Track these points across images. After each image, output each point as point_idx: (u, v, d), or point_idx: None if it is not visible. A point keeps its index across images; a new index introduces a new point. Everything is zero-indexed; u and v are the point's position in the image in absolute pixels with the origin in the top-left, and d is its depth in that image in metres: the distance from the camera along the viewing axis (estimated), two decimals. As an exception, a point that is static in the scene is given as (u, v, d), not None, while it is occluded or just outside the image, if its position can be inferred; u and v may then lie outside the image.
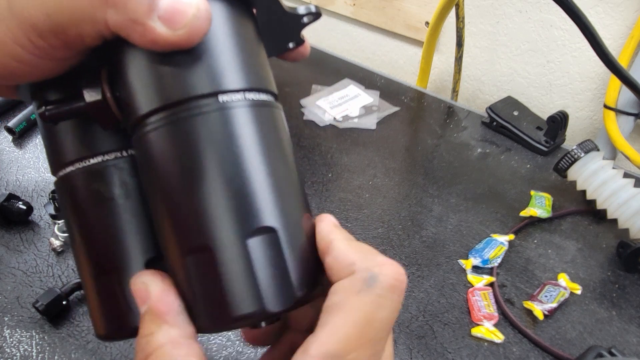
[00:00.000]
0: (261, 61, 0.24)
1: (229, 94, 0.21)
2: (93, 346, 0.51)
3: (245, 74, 0.22)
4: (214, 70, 0.21)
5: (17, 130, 0.78)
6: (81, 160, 0.24)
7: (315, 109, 0.85)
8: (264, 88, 0.23)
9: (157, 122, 0.21)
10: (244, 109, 0.22)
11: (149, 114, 0.21)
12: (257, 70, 0.23)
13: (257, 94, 0.23)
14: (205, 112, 0.21)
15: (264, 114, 0.22)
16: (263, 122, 0.22)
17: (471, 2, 0.92)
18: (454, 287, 0.58)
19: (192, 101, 0.21)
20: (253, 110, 0.22)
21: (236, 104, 0.22)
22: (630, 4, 0.77)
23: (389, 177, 0.73)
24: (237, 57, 0.22)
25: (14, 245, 0.61)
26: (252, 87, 0.22)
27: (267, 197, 0.22)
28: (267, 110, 0.23)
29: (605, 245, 0.63)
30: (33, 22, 0.20)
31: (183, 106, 0.21)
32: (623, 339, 0.53)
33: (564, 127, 0.77)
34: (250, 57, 0.23)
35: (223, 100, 0.21)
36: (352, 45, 1.19)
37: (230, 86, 0.22)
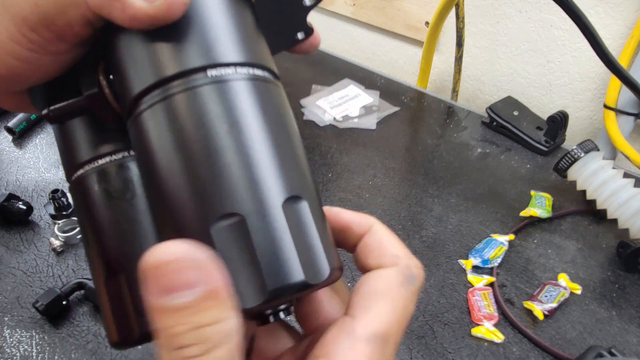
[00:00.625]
0: (255, 39, 0.23)
1: (219, 68, 0.21)
2: (93, 346, 0.51)
3: (236, 48, 0.21)
4: (202, 44, 0.21)
5: (17, 130, 0.78)
6: (90, 162, 0.25)
7: (315, 109, 0.85)
8: (257, 63, 0.22)
9: (148, 102, 0.21)
10: (236, 82, 0.21)
11: (139, 95, 0.21)
12: (250, 45, 0.22)
13: (251, 68, 0.22)
14: (193, 87, 0.20)
15: (258, 87, 0.21)
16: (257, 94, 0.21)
17: (471, 2, 0.92)
18: (454, 287, 0.58)
19: (180, 78, 0.20)
20: (246, 83, 0.21)
21: (227, 78, 0.21)
22: (630, 4, 0.77)
23: (389, 177, 0.73)
24: (227, 31, 0.21)
25: (14, 245, 0.61)
26: (244, 62, 0.21)
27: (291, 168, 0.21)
28: (262, 84, 0.22)
29: (605, 245, 0.63)
30: (24, 15, 0.20)
31: (171, 83, 0.20)
32: (623, 339, 0.53)
33: (564, 127, 0.77)
34: (243, 33, 0.22)
35: (212, 75, 0.21)
36: (352, 45, 1.19)
37: (220, 59, 0.21)
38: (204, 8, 0.21)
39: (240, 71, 0.21)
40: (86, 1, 0.20)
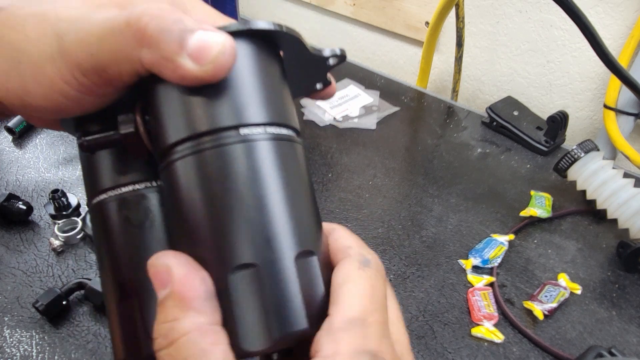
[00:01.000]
0: (284, 98, 0.25)
1: (250, 127, 0.23)
2: (93, 346, 0.51)
3: (266, 109, 0.23)
4: (237, 105, 0.23)
5: (17, 130, 0.78)
6: (114, 188, 0.26)
7: (315, 109, 0.85)
8: (284, 123, 0.24)
9: (182, 152, 0.23)
10: (264, 142, 0.23)
11: (174, 144, 0.23)
12: (279, 106, 0.24)
13: (278, 128, 0.24)
14: (226, 144, 0.22)
15: (283, 146, 0.24)
16: (282, 153, 0.23)
17: (471, 2, 0.92)
18: (454, 287, 0.58)
19: (214, 133, 0.22)
20: (273, 143, 0.23)
21: (256, 137, 0.23)
22: (630, 4, 0.77)
23: (389, 177, 0.73)
24: (260, 92, 0.23)
25: (14, 245, 0.61)
26: (272, 122, 0.23)
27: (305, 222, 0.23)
28: (287, 143, 0.24)
29: (605, 245, 0.63)
30: (79, 62, 0.22)
31: (206, 137, 0.22)
32: (623, 339, 0.53)
33: (564, 127, 0.77)
34: (273, 93, 0.24)
35: (244, 133, 0.22)
36: (352, 45, 1.19)
37: (252, 120, 0.23)
38: (241, 69, 0.23)
39: (266, 130, 0.23)
40: (141, 59, 0.21)
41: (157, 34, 0.21)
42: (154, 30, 0.21)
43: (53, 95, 0.23)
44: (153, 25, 0.21)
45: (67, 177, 0.71)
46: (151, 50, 0.21)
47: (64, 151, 0.76)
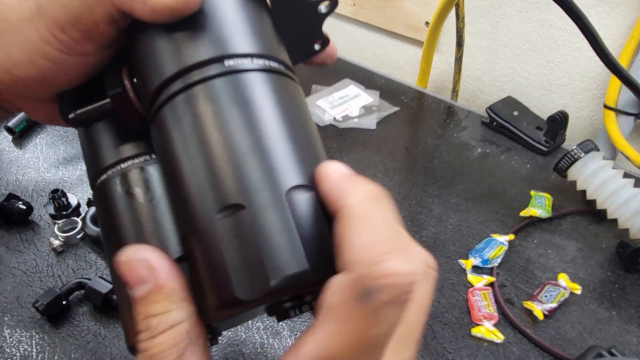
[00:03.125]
0: (271, 33, 0.24)
1: (234, 58, 0.21)
2: (93, 346, 0.51)
3: (252, 40, 0.22)
4: (218, 36, 0.21)
5: (17, 130, 0.78)
6: (114, 166, 0.25)
7: (315, 109, 0.85)
8: (273, 56, 0.23)
9: (166, 94, 0.21)
10: (252, 74, 0.21)
11: (159, 87, 0.22)
12: (266, 38, 0.23)
13: (267, 60, 0.22)
14: (209, 77, 0.21)
15: (275, 79, 0.22)
16: (276, 86, 0.22)
17: (471, 2, 0.92)
18: (454, 287, 0.58)
19: (196, 68, 0.21)
20: (263, 75, 0.22)
21: (243, 67, 0.21)
22: (630, 4, 0.77)
23: (389, 177, 0.73)
24: (243, 24, 0.22)
25: (14, 245, 0.61)
26: (260, 53, 0.22)
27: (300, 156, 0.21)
28: (279, 77, 0.22)
29: (605, 245, 0.63)
30: (55, 17, 0.22)
31: (188, 75, 0.21)
32: (623, 339, 0.53)
33: (564, 127, 0.77)
34: (258, 25, 0.23)
35: (229, 65, 0.21)
36: (352, 45, 1.19)
37: (235, 50, 0.21)
38: (220, 2, 0.22)
39: (256, 62, 0.22)
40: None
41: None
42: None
43: (36, 59, 0.23)
44: None
45: (67, 177, 0.71)
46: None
47: (64, 151, 0.76)
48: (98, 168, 0.26)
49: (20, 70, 0.23)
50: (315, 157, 0.22)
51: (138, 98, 0.24)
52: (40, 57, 0.23)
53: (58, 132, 0.79)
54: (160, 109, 0.22)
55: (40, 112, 0.28)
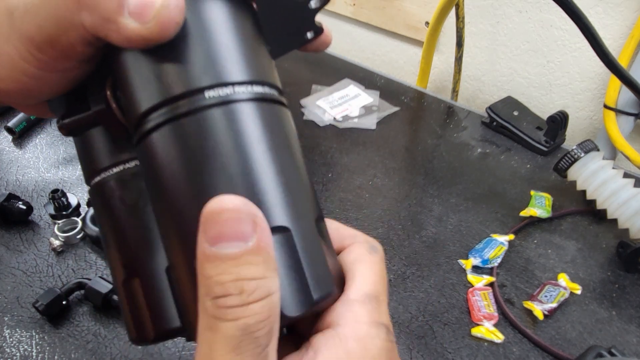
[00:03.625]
0: (256, 51, 0.22)
1: (222, 87, 0.21)
2: (93, 346, 0.51)
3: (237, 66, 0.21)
4: (204, 64, 0.21)
5: (17, 130, 0.78)
6: (106, 169, 0.25)
7: (315, 109, 0.85)
8: (260, 80, 0.22)
9: (154, 121, 0.21)
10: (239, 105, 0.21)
11: (144, 113, 0.21)
12: (251, 61, 0.22)
13: (254, 86, 0.21)
14: (200, 108, 0.20)
15: (261, 109, 0.21)
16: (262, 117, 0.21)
17: (471, 2, 0.92)
18: (454, 287, 0.58)
19: (184, 97, 0.20)
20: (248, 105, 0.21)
21: (230, 98, 0.21)
22: (630, 4, 0.77)
23: (389, 177, 0.73)
24: (228, 47, 0.21)
25: (14, 245, 0.61)
26: (244, 80, 0.21)
27: (279, 194, 0.21)
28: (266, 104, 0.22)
29: (605, 245, 0.63)
30: (30, 35, 0.21)
31: (176, 103, 0.21)
32: (623, 339, 0.53)
33: (564, 127, 0.77)
34: (243, 47, 0.22)
35: (216, 95, 0.20)
36: (352, 45, 1.19)
37: (223, 79, 0.21)
38: (203, 24, 0.21)
39: (242, 89, 0.21)
40: (82, 23, 0.20)
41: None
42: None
43: (17, 75, 0.22)
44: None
45: (67, 177, 0.71)
46: (90, 12, 0.20)
47: (64, 151, 0.76)
48: (92, 169, 0.26)
49: (2, 84, 0.23)
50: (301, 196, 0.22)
51: (122, 112, 0.23)
52: (21, 74, 0.22)
53: (58, 132, 0.79)
54: (146, 135, 0.21)
55: (32, 111, 0.28)
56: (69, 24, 0.20)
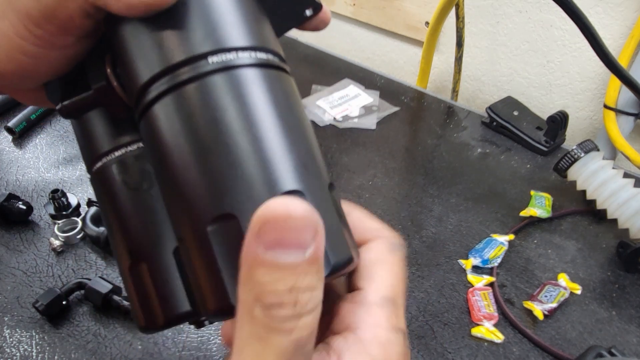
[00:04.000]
0: (258, 19, 0.22)
1: (225, 53, 0.20)
2: (93, 346, 0.51)
3: (237, 32, 0.21)
4: (205, 30, 0.20)
5: (17, 130, 0.78)
6: (107, 154, 0.25)
7: (315, 109, 0.85)
8: (262, 46, 0.21)
9: (155, 92, 0.20)
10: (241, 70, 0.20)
11: (145, 84, 0.21)
12: (253, 27, 0.22)
13: (257, 52, 0.21)
14: (200, 76, 0.20)
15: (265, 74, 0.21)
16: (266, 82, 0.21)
17: (471, 2, 0.92)
18: (454, 287, 0.58)
19: (185, 64, 0.20)
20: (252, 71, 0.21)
21: (233, 64, 0.20)
22: (630, 4, 0.77)
23: (389, 177, 0.73)
24: (230, 13, 0.21)
25: (14, 245, 0.61)
26: (247, 46, 0.21)
27: (290, 159, 0.20)
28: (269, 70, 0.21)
29: (605, 245, 0.63)
30: (27, 11, 0.21)
31: (178, 71, 0.20)
32: (623, 339, 0.53)
33: (564, 127, 0.77)
34: (244, 13, 0.22)
35: (218, 60, 0.20)
36: (352, 45, 1.19)
37: (225, 44, 0.20)
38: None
39: (246, 55, 0.21)
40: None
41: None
42: None
43: (14, 54, 0.22)
44: None
45: (67, 177, 0.71)
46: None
47: (64, 151, 0.76)
48: (93, 156, 0.26)
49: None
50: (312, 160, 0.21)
51: (123, 89, 0.23)
52: (18, 53, 0.22)
53: (58, 132, 0.80)
54: (149, 107, 0.21)
55: (27, 98, 0.27)
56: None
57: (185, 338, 0.52)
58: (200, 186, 0.19)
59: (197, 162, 0.19)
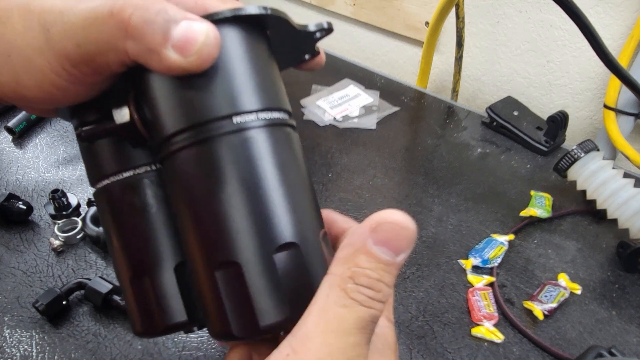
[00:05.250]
0: (273, 80, 0.25)
1: (243, 115, 0.23)
2: (93, 346, 0.51)
3: (257, 95, 0.24)
4: (228, 94, 0.23)
5: (17, 130, 0.78)
6: (115, 174, 0.26)
7: (315, 109, 0.85)
8: (276, 107, 0.24)
9: (179, 143, 0.23)
10: (257, 130, 0.23)
11: (171, 135, 0.23)
12: (269, 90, 0.24)
13: (270, 112, 0.24)
14: (220, 134, 0.23)
15: (277, 134, 0.24)
16: (277, 142, 0.24)
17: (471, 2, 0.92)
18: (454, 287, 0.58)
19: (208, 124, 0.23)
20: (267, 131, 0.24)
21: (250, 125, 0.23)
22: (630, 4, 0.77)
23: (389, 177, 0.73)
24: (249, 79, 0.24)
25: (14, 245, 0.61)
26: (264, 107, 0.24)
27: (288, 215, 0.23)
28: (280, 129, 0.25)
29: (605, 245, 0.63)
30: (67, 53, 0.22)
31: (201, 128, 0.23)
32: (623, 339, 0.53)
33: (564, 127, 0.77)
34: (262, 78, 0.24)
35: (237, 122, 0.23)
36: (352, 45, 1.19)
37: (243, 108, 0.23)
38: (230, 55, 0.23)
39: (261, 116, 0.24)
40: (126, 50, 0.21)
41: (141, 25, 0.21)
42: (137, 22, 0.21)
43: (45, 86, 0.23)
44: (137, 16, 0.21)
45: (67, 177, 0.71)
46: (136, 42, 0.21)
47: (64, 151, 0.76)
48: (99, 173, 0.27)
49: (26, 91, 0.24)
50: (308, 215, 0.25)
51: (144, 126, 0.25)
52: (50, 86, 0.23)
53: (58, 132, 0.80)
54: (172, 154, 0.23)
55: (35, 111, 0.29)
56: (111, 49, 0.22)
57: (185, 338, 0.52)
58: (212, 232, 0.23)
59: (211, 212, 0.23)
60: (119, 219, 0.26)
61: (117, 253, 0.27)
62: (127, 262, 0.27)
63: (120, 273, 0.27)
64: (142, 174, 0.26)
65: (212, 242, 0.23)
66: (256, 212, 0.23)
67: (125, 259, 0.27)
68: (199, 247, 0.23)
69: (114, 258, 0.27)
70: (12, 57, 0.23)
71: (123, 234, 0.26)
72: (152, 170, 0.26)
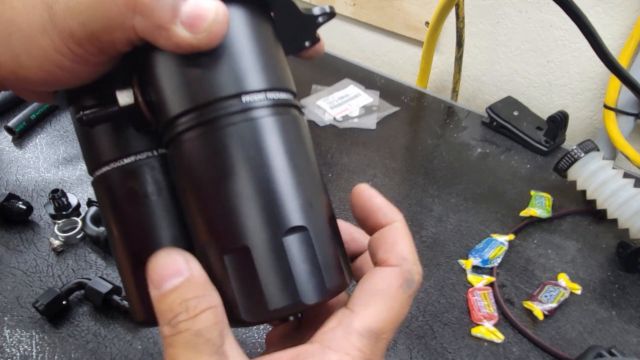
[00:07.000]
0: (279, 61, 0.25)
1: (251, 94, 0.23)
2: (93, 346, 0.51)
3: (265, 75, 0.23)
4: (237, 73, 0.23)
5: (17, 130, 0.78)
6: (115, 160, 0.26)
7: (315, 109, 0.85)
8: (283, 87, 0.24)
9: (186, 124, 0.23)
10: (265, 110, 0.23)
11: (177, 116, 0.23)
12: (277, 70, 0.24)
13: (278, 93, 0.24)
14: (229, 114, 0.22)
15: (285, 114, 0.24)
16: (285, 123, 0.24)
17: (471, 2, 0.92)
18: (454, 287, 0.58)
19: (216, 103, 0.22)
20: (275, 111, 0.23)
21: (258, 104, 0.23)
22: (630, 4, 0.77)
23: (389, 177, 0.73)
24: (257, 58, 0.23)
25: (14, 245, 0.61)
26: (272, 87, 0.24)
27: (297, 198, 0.23)
28: (288, 110, 0.24)
29: (605, 245, 0.63)
30: (71, 31, 0.21)
31: (209, 108, 0.22)
32: (623, 339, 0.53)
33: (564, 127, 0.77)
34: (269, 58, 0.24)
35: (246, 101, 0.23)
36: (352, 45, 1.19)
37: (252, 87, 0.23)
38: (236, 34, 0.23)
39: (269, 96, 0.23)
40: (134, 26, 0.21)
41: (150, 1, 0.20)
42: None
43: (47, 66, 0.23)
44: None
45: (67, 177, 0.71)
46: (144, 18, 0.21)
47: (64, 151, 0.76)
48: (99, 159, 0.26)
49: (27, 72, 0.23)
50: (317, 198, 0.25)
51: (149, 109, 0.24)
52: (52, 65, 0.23)
53: (58, 132, 0.80)
54: (179, 136, 0.23)
55: (32, 97, 0.28)
56: (118, 26, 0.21)
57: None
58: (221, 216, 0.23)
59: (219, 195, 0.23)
60: (120, 207, 0.26)
61: (118, 242, 0.26)
62: (127, 250, 0.26)
63: (121, 262, 0.27)
64: (143, 160, 0.26)
65: (221, 226, 0.22)
66: (265, 195, 0.22)
67: (126, 248, 0.26)
68: (207, 231, 0.23)
69: (114, 247, 0.27)
70: (13, 37, 0.22)
71: (124, 221, 0.26)
72: (153, 156, 0.26)
